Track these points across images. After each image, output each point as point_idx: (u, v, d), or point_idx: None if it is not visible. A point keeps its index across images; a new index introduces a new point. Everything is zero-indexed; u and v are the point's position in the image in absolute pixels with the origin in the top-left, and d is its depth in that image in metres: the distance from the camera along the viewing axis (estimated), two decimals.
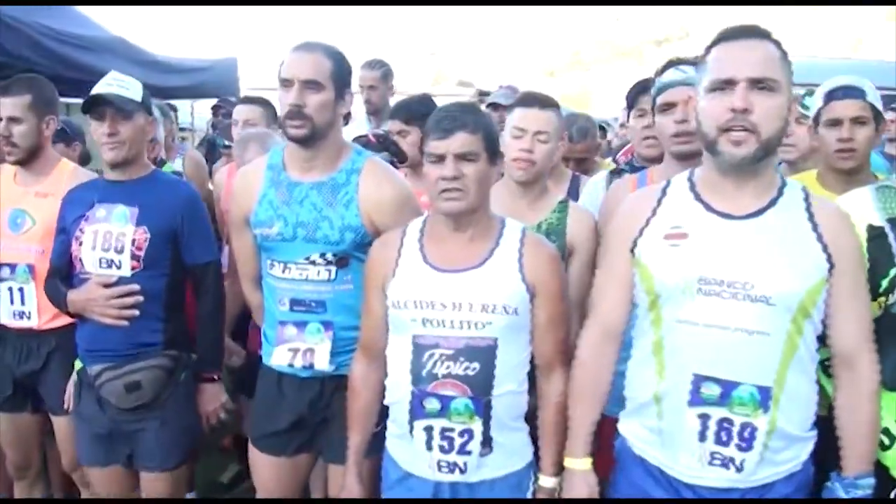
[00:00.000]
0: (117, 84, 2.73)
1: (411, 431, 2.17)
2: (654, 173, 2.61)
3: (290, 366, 2.48)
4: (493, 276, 2.16)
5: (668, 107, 2.48)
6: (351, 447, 2.39)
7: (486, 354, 2.12)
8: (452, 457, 2.16)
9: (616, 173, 3.06)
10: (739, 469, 1.94)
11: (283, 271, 2.49)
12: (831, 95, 2.68)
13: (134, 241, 2.69)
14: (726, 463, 1.95)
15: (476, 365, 2.11)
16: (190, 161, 4.58)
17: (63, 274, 2.86)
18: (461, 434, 2.14)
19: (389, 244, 2.28)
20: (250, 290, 2.75)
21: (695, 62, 2.45)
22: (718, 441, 1.94)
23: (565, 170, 3.46)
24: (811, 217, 1.94)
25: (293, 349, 2.48)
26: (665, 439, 2.02)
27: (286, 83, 2.39)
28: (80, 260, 2.74)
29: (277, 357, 2.49)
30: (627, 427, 2.14)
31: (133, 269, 2.69)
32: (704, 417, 1.94)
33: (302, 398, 2.54)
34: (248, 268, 2.71)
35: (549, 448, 2.23)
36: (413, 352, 2.16)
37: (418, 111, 3.40)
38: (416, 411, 2.15)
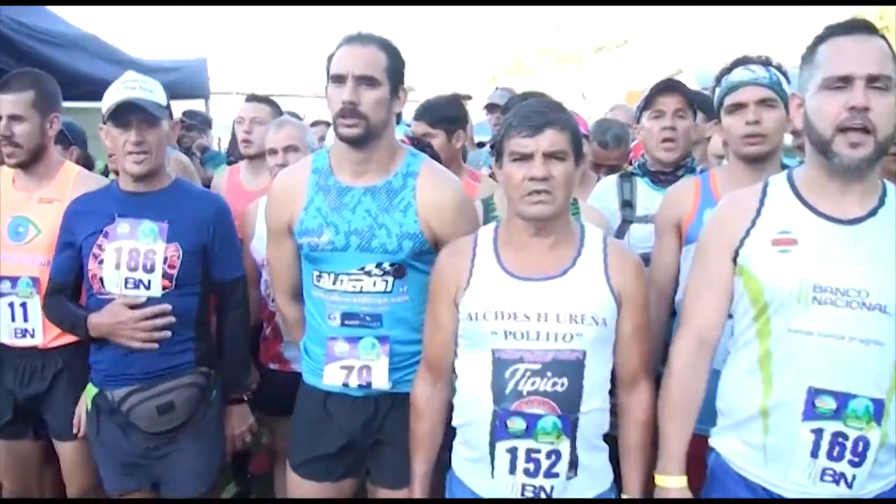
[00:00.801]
0: (140, 87, 2.50)
1: (492, 454, 2.01)
2: (717, 175, 2.52)
3: (345, 385, 2.29)
4: (580, 284, 2.02)
5: (738, 107, 2.39)
6: (417, 474, 2.23)
7: (574, 368, 1.98)
8: (539, 480, 2.00)
9: (626, 176, 2.97)
10: (850, 485, 1.85)
11: (334, 283, 2.30)
12: None
13: (166, 259, 2.47)
14: (837, 479, 1.85)
15: (564, 380, 1.97)
16: (177, 164, 4.33)
17: (68, 292, 2.62)
18: (548, 455, 1.99)
19: (461, 252, 2.12)
20: (286, 303, 2.55)
21: (764, 61, 2.39)
22: (831, 457, 1.84)
23: (591, 174, 3.36)
24: None
25: (347, 367, 2.30)
26: (770, 455, 1.91)
27: (339, 79, 2.22)
28: (101, 280, 2.50)
29: (330, 376, 2.30)
30: (723, 443, 2.02)
31: (164, 288, 2.48)
32: (818, 432, 1.83)
33: (354, 419, 2.36)
34: (285, 280, 2.50)
35: (637, 467, 2.10)
36: (494, 367, 2.00)
37: (446, 113, 3.26)
38: (499, 432, 1.99)
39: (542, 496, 2.01)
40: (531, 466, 1.99)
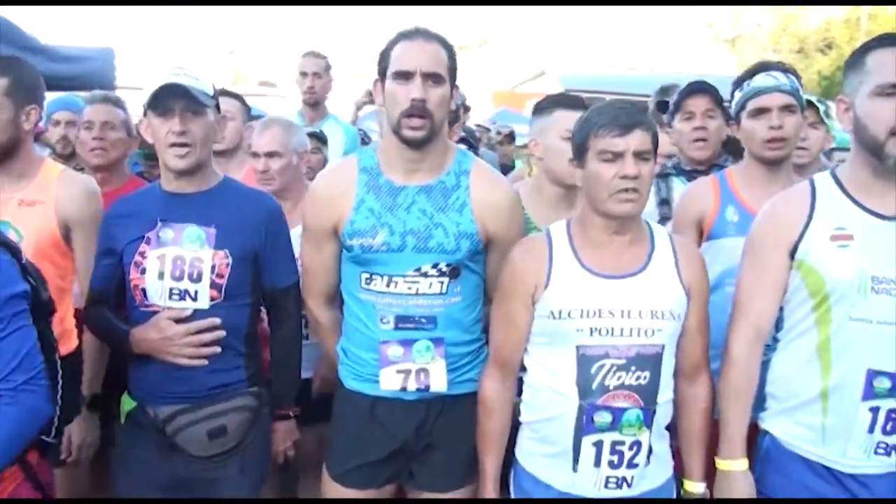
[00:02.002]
0: (185, 73, 2.30)
1: (577, 448, 2.07)
2: (734, 175, 2.66)
3: (403, 389, 2.26)
4: (657, 280, 2.10)
5: (762, 112, 2.52)
6: (488, 473, 2.24)
7: (654, 362, 2.07)
8: (621, 471, 2.08)
9: (663, 176, 3.10)
10: None
11: (388, 285, 2.25)
12: None
13: (213, 267, 2.29)
14: (889, 451, 2.03)
15: (646, 373, 2.05)
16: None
17: (110, 303, 2.42)
18: (631, 447, 2.07)
19: (537, 250, 2.15)
20: (321, 307, 2.47)
21: (784, 69, 2.55)
22: (885, 431, 2.02)
23: None
24: None
25: (403, 371, 2.26)
26: (829, 434, 2.06)
27: (404, 76, 2.15)
28: (143, 291, 2.31)
29: (387, 381, 2.26)
30: (778, 426, 2.16)
31: (212, 299, 2.30)
32: (875, 410, 2.01)
33: (407, 424, 2.32)
34: (323, 283, 2.42)
35: (699, 454, 2.21)
36: (579, 363, 2.05)
37: None
38: (586, 426, 2.05)
39: (624, 486, 2.09)
40: (615, 458, 2.06)
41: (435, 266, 2.24)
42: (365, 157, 2.34)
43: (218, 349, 2.30)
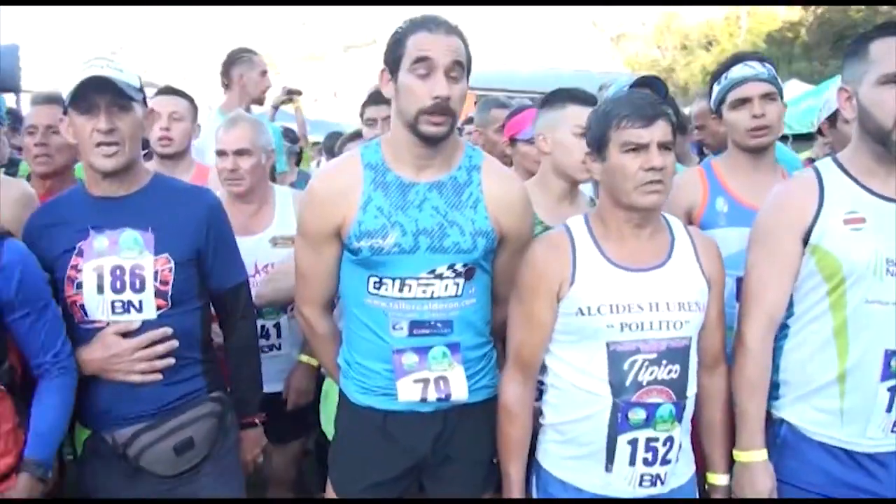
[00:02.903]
0: (108, 64, 2.10)
1: (611, 447, 2.03)
2: (719, 165, 2.68)
3: (423, 400, 2.14)
4: (681, 272, 2.09)
5: (743, 102, 2.54)
6: (514, 480, 2.17)
7: (683, 355, 2.05)
8: (655, 468, 2.05)
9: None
10: None
11: (401, 290, 2.13)
12: None
13: (156, 274, 2.14)
14: None
15: (677, 367, 2.04)
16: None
17: None
18: (664, 443, 2.04)
19: (560, 247, 2.09)
20: (318, 316, 2.31)
21: (759, 58, 2.59)
22: None
23: None
24: None
25: (421, 380, 2.14)
26: (847, 417, 2.10)
27: (424, 70, 2.02)
28: (82, 307, 2.13)
29: (405, 393, 2.13)
30: (794, 413, 2.18)
31: (159, 308, 2.15)
32: (893, 389, 2.06)
33: (424, 437, 2.20)
34: (321, 290, 2.28)
35: (722, 445, 2.21)
36: (610, 360, 2.02)
37: None
38: (621, 425, 2.01)
39: (658, 484, 2.06)
40: (649, 455, 2.04)
41: (450, 267, 2.14)
42: (369, 152, 2.20)
43: (172, 360, 2.17)
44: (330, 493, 2.31)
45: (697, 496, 2.20)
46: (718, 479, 2.21)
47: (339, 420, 2.32)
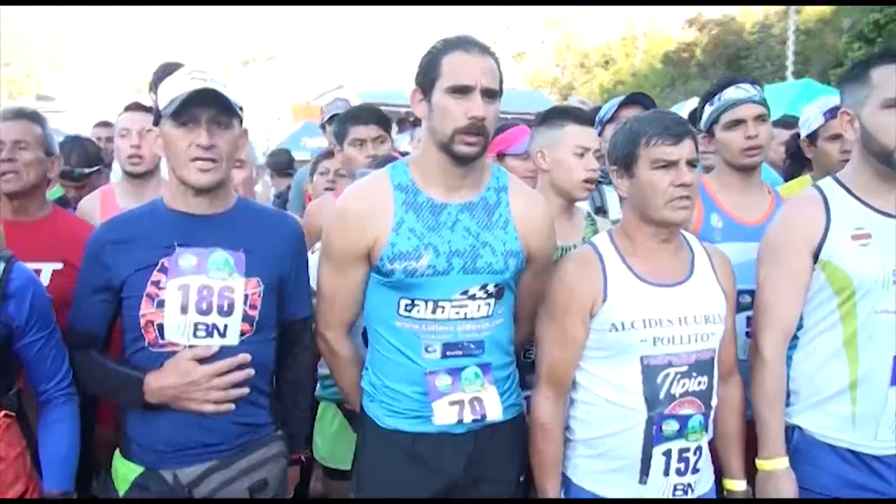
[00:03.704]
0: (211, 78, 2.02)
1: (646, 460, 2.08)
2: (711, 183, 2.79)
3: (459, 422, 2.14)
4: (703, 286, 2.17)
5: (737, 123, 2.67)
6: (550, 495, 2.19)
7: (710, 366, 2.14)
8: (687, 478, 2.12)
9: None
10: None
11: (434, 311, 2.13)
12: (831, 113, 3.08)
13: (246, 297, 2.04)
14: None
15: (705, 378, 2.12)
16: None
17: (99, 346, 2.11)
18: (695, 452, 2.12)
19: (589, 265, 2.14)
20: (341, 339, 2.28)
21: (752, 80, 2.73)
22: None
23: None
24: None
25: (456, 402, 2.14)
26: (859, 421, 2.22)
27: (464, 90, 2.03)
28: (159, 327, 2.01)
29: (441, 416, 2.11)
30: (807, 419, 2.29)
31: (243, 333, 2.05)
32: None
33: (457, 459, 2.19)
34: (345, 312, 2.25)
35: (738, 453, 2.29)
36: (644, 374, 2.07)
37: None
38: (656, 437, 2.07)
39: (689, 492, 2.13)
40: (682, 466, 2.11)
41: (483, 288, 2.15)
42: (397, 173, 2.19)
43: (247, 390, 2.06)
44: None
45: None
46: (737, 485, 2.29)
47: (363, 445, 2.28)
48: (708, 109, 2.77)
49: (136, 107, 3.43)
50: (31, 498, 1.96)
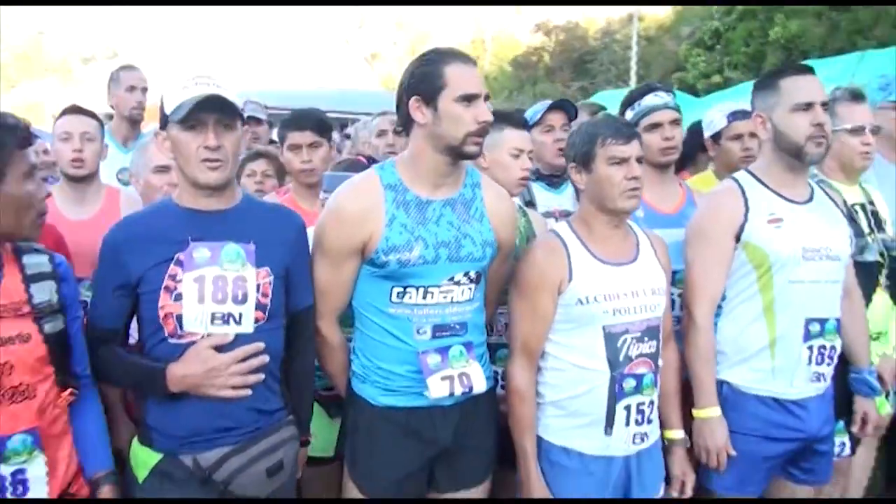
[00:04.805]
0: (213, 83, 2.13)
1: (611, 414, 2.40)
2: None
3: (451, 395, 2.36)
4: (648, 264, 2.52)
5: (655, 126, 3.05)
6: (528, 453, 2.46)
7: (657, 332, 2.50)
8: (643, 427, 2.47)
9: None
10: (825, 378, 2.69)
11: (424, 297, 2.36)
12: (734, 116, 3.56)
13: (259, 286, 2.16)
14: (819, 377, 2.68)
15: (654, 342, 2.48)
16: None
17: (119, 340, 2.20)
18: (649, 405, 2.47)
19: (556, 250, 2.44)
20: (332, 327, 2.47)
21: (666, 88, 3.13)
22: (818, 363, 2.66)
23: None
24: (832, 199, 2.79)
25: (447, 377, 2.36)
26: (777, 373, 2.64)
27: (472, 98, 2.27)
28: (178, 318, 2.10)
29: (436, 390, 2.33)
30: (734, 374, 2.69)
31: (257, 321, 2.17)
32: (811, 348, 2.64)
33: (446, 429, 2.42)
34: (337, 303, 2.44)
35: (676, 406, 2.65)
36: (606, 341, 2.40)
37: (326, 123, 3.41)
38: (619, 394, 2.40)
39: (645, 440, 2.48)
40: (640, 417, 2.45)
41: (466, 274, 2.40)
42: (385, 174, 2.40)
43: (262, 376, 2.19)
44: (354, 493, 2.46)
45: (660, 448, 2.61)
46: (676, 433, 2.65)
47: (355, 423, 2.46)
48: (629, 114, 3.15)
49: (75, 110, 3.42)
50: (38, 498, 1.99)
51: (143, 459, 2.19)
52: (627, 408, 2.42)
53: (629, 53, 22.26)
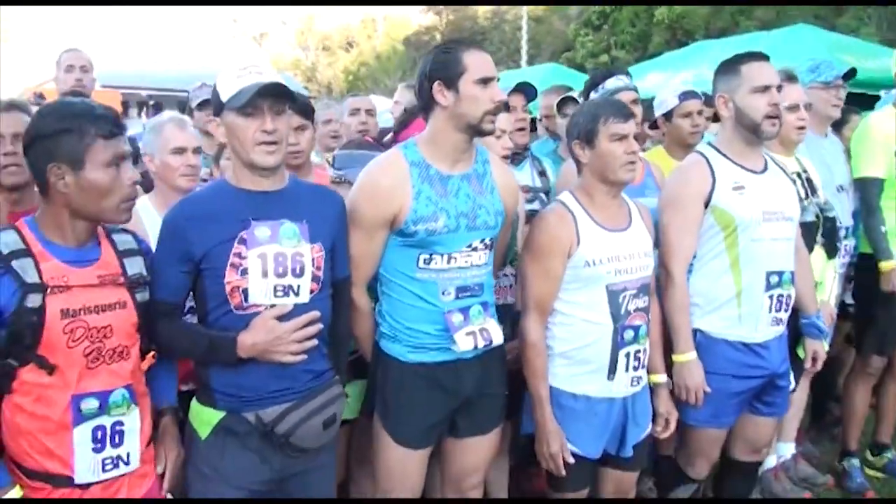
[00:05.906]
0: (265, 72, 2.30)
1: (614, 361, 2.74)
2: None
3: (475, 348, 2.63)
4: (640, 229, 2.86)
5: None
6: (543, 399, 2.76)
7: (648, 289, 2.85)
8: (639, 372, 2.83)
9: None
10: (783, 323, 3.11)
11: (448, 262, 2.61)
12: (685, 96, 3.92)
13: (313, 260, 2.35)
14: (778, 321, 3.09)
15: (646, 298, 2.83)
16: None
17: (180, 313, 2.35)
18: (643, 352, 2.82)
19: (566, 218, 2.74)
20: (362, 294, 2.69)
21: (625, 72, 3.49)
22: (777, 310, 3.07)
23: None
24: (782, 169, 3.21)
25: (470, 332, 2.63)
26: (744, 320, 3.03)
27: (489, 80, 2.54)
28: (244, 292, 2.26)
29: (463, 343, 2.59)
30: (706, 323, 3.06)
31: (312, 292, 2.36)
32: (771, 297, 3.04)
33: (470, 381, 2.69)
34: (368, 271, 2.66)
35: (660, 353, 3.01)
36: (609, 297, 2.73)
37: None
38: (620, 343, 2.74)
39: (639, 383, 2.84)
40: (636, 363, 2.81)
41: (482, 241, 2.67)
42: (409, 152, 2.63)
43: (316, 342, 2.38)
44: (387, 441, 2.70)
45: (647, 391, 2.97)
46: (660, 378, 3.00)
47: (385, 378, 2.69)
48: (594, 96, 3.49)
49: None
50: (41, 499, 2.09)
51: (206, 418, 2.36)
52: (627, 355, 2.76)
53: (519, 34, 22.89)
